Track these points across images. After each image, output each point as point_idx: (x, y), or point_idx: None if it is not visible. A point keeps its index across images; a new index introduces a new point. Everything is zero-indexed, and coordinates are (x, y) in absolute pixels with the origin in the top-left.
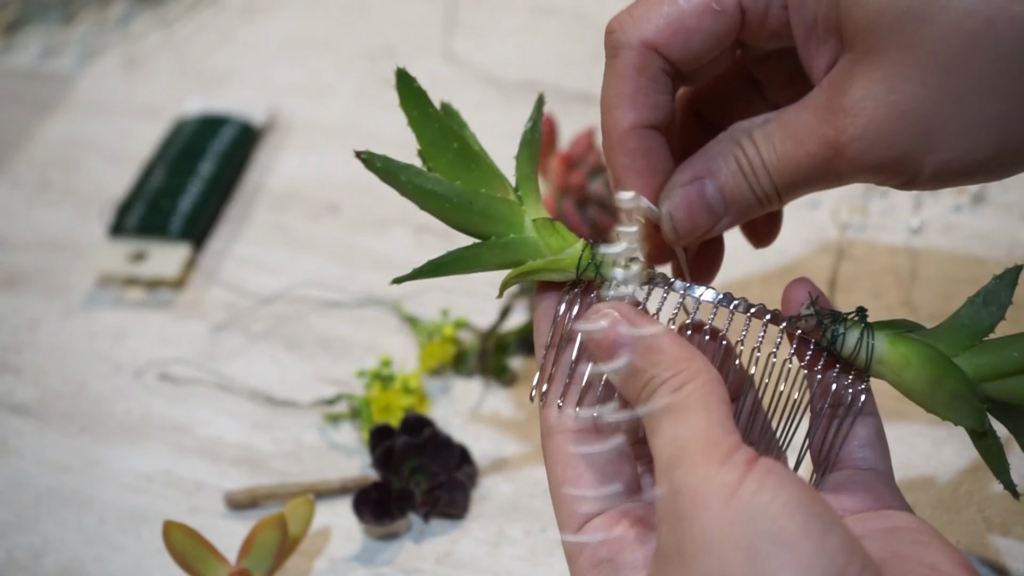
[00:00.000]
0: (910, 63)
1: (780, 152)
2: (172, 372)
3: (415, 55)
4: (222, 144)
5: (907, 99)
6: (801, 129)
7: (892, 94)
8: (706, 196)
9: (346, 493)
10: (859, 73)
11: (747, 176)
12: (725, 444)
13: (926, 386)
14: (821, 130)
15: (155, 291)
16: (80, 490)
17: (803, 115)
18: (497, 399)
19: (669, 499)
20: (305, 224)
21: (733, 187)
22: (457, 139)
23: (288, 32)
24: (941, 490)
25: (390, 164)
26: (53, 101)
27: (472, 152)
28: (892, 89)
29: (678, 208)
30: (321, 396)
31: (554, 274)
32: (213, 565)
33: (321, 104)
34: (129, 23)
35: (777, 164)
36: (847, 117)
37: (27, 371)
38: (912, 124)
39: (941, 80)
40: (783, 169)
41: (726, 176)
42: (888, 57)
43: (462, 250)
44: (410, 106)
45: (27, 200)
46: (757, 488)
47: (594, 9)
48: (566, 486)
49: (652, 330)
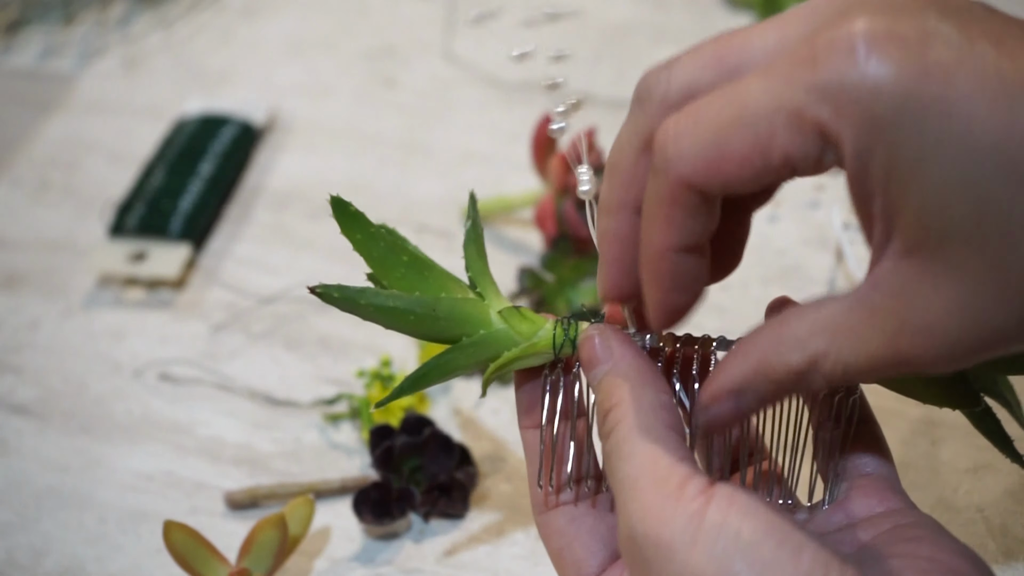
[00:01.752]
0: (998, 285)
1: (840, 360)
2: (172, 372)
3: (415, 55)
4: (222, 144)
5: (994, 324)
6: (866, 338)
7: (977, 317)
8: (743, 409)
9: (346, 493)
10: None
11: (793, 387)
12: (675, 477)
13: (919, 379)
14: (892, 344)
15: (155, 291)
16: (80, 490)
17: (866, 322)
18: (497, 399)
19: (632, 546)
20: (305, 224)
21: (774, 396)
22: (405, 252)
23: (288, 32)
24: (941, 490)
25: (347, 291)
26: (53, 101)
27: (422, 261)
28: (978, 312)
29: (714, 423)
30: (321, 396)
31: (532, 359)
32: (213, 565)
33: (321, 104)
34: (129, 23)
35: (838, 371)
36: (925, 338)
37: (27, 371)
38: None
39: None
40: (845, 375)
41: (767, 391)
42: (971, 277)
43: (436, 359)
44: (352, 231)
45: (27, 200)
46: (722, 520)
47: (594, 9)
48: (564, 554)
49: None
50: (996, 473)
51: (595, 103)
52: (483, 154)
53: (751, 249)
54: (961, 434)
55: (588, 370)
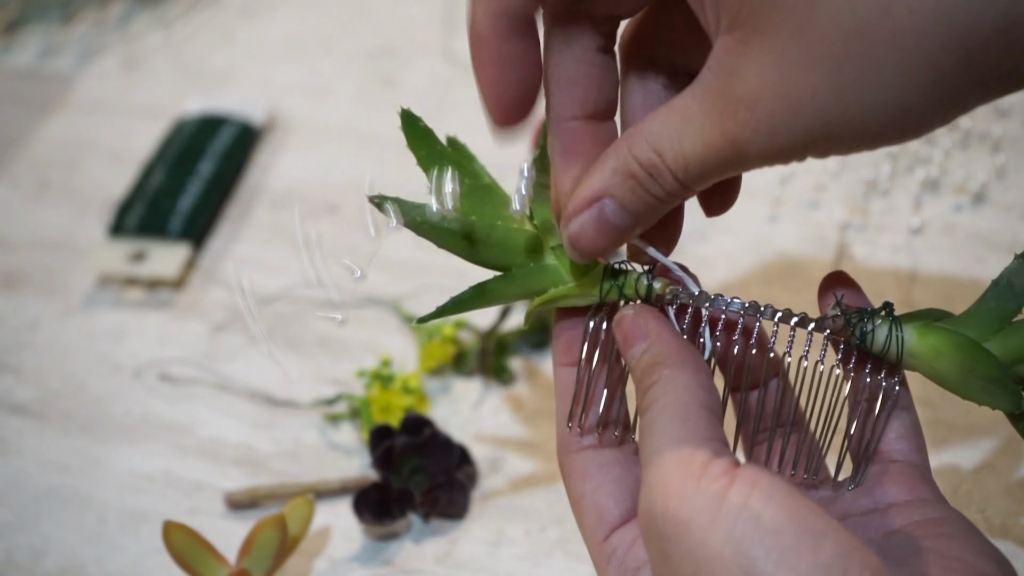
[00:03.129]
0: (803, 49)
1: (680, 151)
2: (172, 372)
3: (415, 55)
4: (222, 144)
5: (802, 89)
6: (699, 123)
7: (786, 84)
8: (607, 216)
9: (346, 493)
10: (750, 58)
11: (648, 184)
12: (700, 456)
13: (959, 374)
14: (720, 123)
15: (155, 291)
16: (80, 490)
17: (699, 106)
18: (497, 399)
19: (650, 521)
20: (305, 224)
21: (635, 198)
22: (468, 174)
23: (288, 32)
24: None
25: (403, 206)
26: (53, 101)
27: (484, 186)
28: (786, 78)
29: (579, 236)
30: (321, 396)
31: (578, 299)
32: (213, 565)
33: (321, 104)
34: (129, 23)
35: (679, 163)
36: (745, 110)
37: (27, 371)
38: (810, 115)
39: (835, 68)
40: (687, 167)
41: (625, 190)
42: (780, 41)
43: (484, 284)
44: (418, 146)
45: (27, 200)
46: (743, 503)
47: None
48: (587, 499)
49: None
50: (996, 473)
51: None
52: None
53: (751, 249)
54: (961, 434)
55: (626, 349)
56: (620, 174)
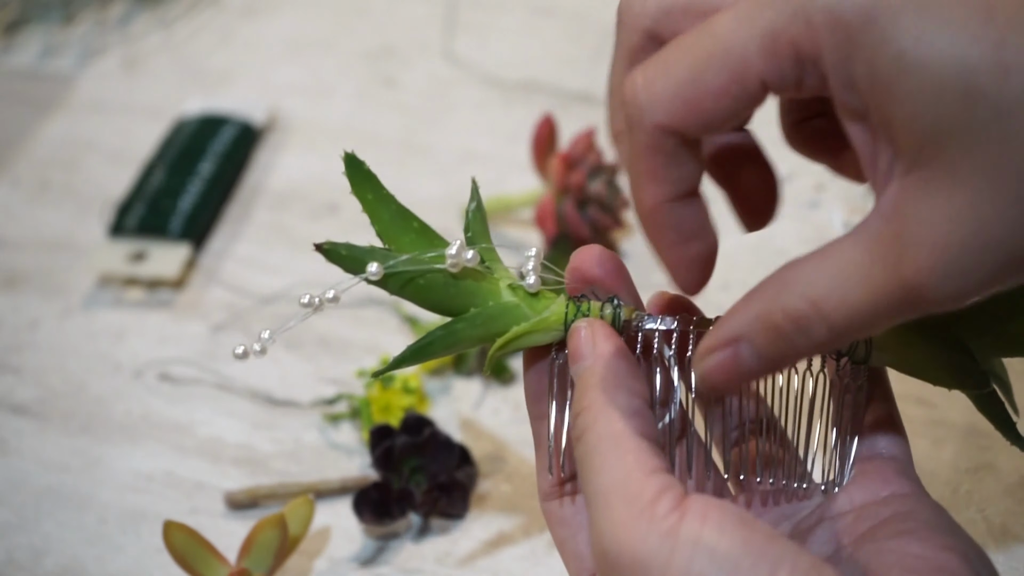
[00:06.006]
0: (997, 186)
1: (845, 302)
2: (172, 372)
3: (415, 55)
4: (222, 144)
5: (995, 227)
6: (868, 271)
7: (978, 223)
8: (742, 361)
9: (346, 493)
10: (936, 199)
11: (794, 335)
12: (647, 492)
13: (928, 361)
14: (897, 270)
15: (155, 291)
16: (80, 490)
17: (868, 252)
18: (497, 399)
19: (605, 562)
20: (305, 224)
21: (776, 349)
22: (415, 219)
23: (288, 32)
24: (941, 490)
25: (355, 251)
26: (53, 101)
27: (431, 232)
28: (978, 217)
29: (710, 376)
30: (321, 396)
31: (541, 335)
32: (213, 565)
33: (321, 104)
34: (129, 23)
35: (843, 315)
36: (929, 253)
37: (27, 371)
38: (1002, 252)
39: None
40: (852, 319)
41: (766, 340)
42: (972, 180)
43: (443, 328)
44: (363, 190)
45: (27, 200)
46: (696, 538)
47: (594, 9)
48: (567, 545)
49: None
50: (996, 473)
51: (595, 103)
52: (483, 154)
53: (750, 249)
54: (961, 434)
55: (572, 364)
56: (763, 322)
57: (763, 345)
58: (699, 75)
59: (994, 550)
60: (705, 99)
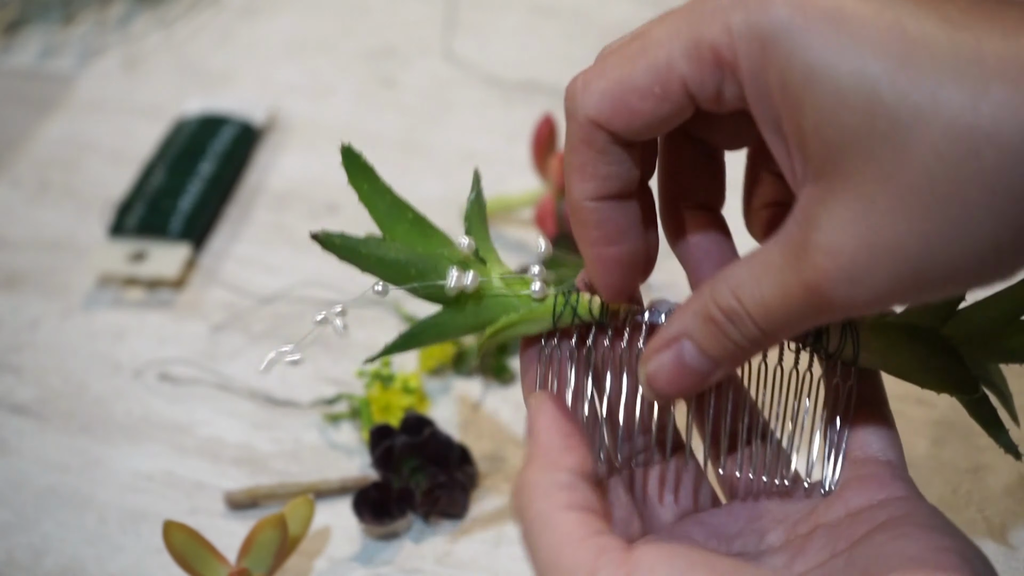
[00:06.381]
0: (890, 196)
1: (760, 299)
2: (172, 372)
3: (415, 55)
4: (222, 144)
5: (888, 237)
6: (780, 271)
7: (872, 232)
8: (685, 359)
9: (346, 493)
10: (835, 207)
11: (727, 329)
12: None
13: (916, 364)
14: (800, 273)
15: (155, 291)
16: (80, 490)
17: (781, 254)
18: (497, 399)
19: None
20: (305, 224)
21: (714, 343)
22: (410, 210)
23: (288, 32)
24: (941, 490)
25: (348, 240)
26: (53, 101)
27: (427, 223)
28: (872, 227)
29: (656, 375)
30: (321, 396)
31: (531, 325)
32: (213, 565)
33: (321, 104)
34: (129, 23)
35: (759, 310)
36: (826, 259)
37: (27, 371)
38: (897, 262)
39: (924, 214)
40: (768, 316)
41: (704, 333)
42: (866, 190)
43: (433, 317)
44: (359, 181)
45: (27, 200)
46: None
47: (594, 9)
48: None
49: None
50: (996, 473)
51: None
52: (483, 154)
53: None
54: (961, 434)
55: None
56: (700, 317)
57: (702, 340)
58: (628, 74)
59: (994, 550)
60: (632, 97)
